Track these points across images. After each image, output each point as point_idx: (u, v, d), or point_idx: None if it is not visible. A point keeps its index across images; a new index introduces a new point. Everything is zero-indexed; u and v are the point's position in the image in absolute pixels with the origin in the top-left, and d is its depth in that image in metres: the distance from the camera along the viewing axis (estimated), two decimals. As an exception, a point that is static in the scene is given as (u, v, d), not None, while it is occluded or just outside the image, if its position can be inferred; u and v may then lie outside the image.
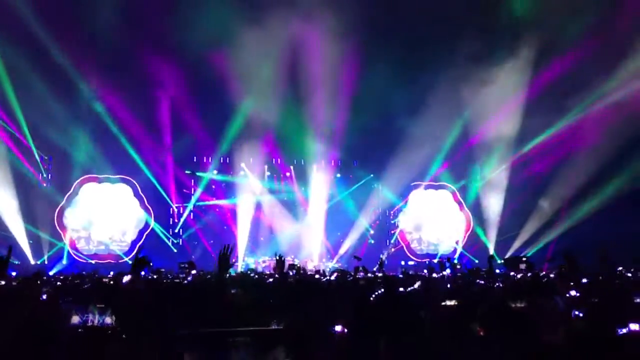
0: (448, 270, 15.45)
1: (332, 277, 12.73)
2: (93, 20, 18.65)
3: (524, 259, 17.63)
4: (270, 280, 11.09)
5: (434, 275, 12.60)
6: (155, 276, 10.09)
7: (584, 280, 8.07)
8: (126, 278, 7.06)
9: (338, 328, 5.58)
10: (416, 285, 10.27)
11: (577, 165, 20.44)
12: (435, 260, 25.07)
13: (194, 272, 9.74)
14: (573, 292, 6.58)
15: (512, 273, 13.86)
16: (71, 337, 5.56)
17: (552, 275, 10.99)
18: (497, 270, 12.79)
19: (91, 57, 19.48)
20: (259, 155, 24.66)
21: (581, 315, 6.14)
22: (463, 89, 20.90)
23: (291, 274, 13.76)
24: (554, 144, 21.28)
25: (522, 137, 22.40)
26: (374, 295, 8.07)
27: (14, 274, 12.86)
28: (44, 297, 6.97)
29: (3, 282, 8.67)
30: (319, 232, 24.78)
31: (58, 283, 10.93)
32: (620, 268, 12.79)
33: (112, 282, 11.03)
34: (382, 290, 8.49)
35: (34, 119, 20.75)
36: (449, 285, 9.96)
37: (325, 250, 24.91)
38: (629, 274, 11.94)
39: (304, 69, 19.91)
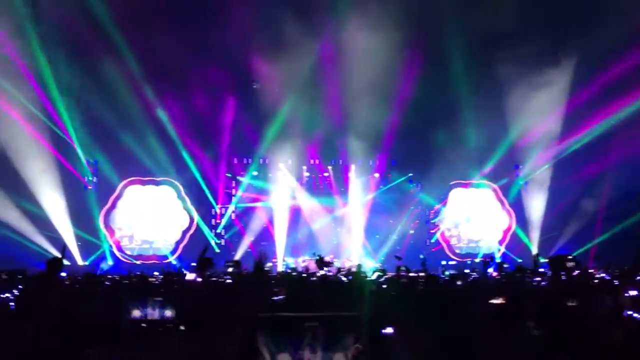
0: (491, 269, 15.35)
1: (373, 277, 12.78)
2: (138, 25, 19.10)
3: (569, 257, 17.23)
4: (314, 279, 11.23)
5: (476, 274, 12.54)
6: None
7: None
8: (190, 276, 7.25)
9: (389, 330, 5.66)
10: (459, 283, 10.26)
11: (624, 168, 19.90)
12: (477, 260, 24.96)
13: (241, 269, 9.89)
14: (633, 292, 6.46)
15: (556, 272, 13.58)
16: (133, 329, 5.79)
17: (601, 274, 10.79)
18: (542, 269, 12.58)
19: (134, 61, 20.00)
20: (298, 156, 24.82)
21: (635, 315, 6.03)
22: (508, 89, 20.60)
23: (331, 273, 13.87)
24: (601, 145, 20.82)
25: (568, 137, 22.04)
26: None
27: (64, 274, 13.18)
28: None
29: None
30: (358, 232, 24.80)
31: (106, 282, 11.29)
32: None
33: (157, 282, 11.36)
34: (427, 288, 8.54)
35: (80, 122, 21.41)
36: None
37: (365, 250, 24.87)
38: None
39: (343, 68, 19.97)
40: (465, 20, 19.09)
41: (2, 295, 7.39)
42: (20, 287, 7.97)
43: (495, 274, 12.62)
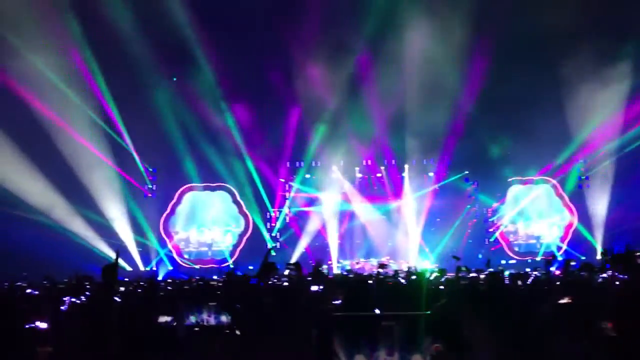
0: (554, 268, 14.85)
1: (432, 278, 12.58)
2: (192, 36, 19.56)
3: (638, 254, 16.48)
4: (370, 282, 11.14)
5: (537, 273, 12.16)
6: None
7: None
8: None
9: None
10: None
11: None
12: (538, 259, 24.23)
13: (301, 273, 9.88)
14: None
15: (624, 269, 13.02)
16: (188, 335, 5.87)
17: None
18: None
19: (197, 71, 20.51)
20: (350, 157, 24.78)
21: None
22: (569, 85, 20.01)
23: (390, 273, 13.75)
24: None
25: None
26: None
27: (126, 279, 13.52)
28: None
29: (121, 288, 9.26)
30: (413, 233, 24.55)
31: (168, 287, 11.52)
32: None
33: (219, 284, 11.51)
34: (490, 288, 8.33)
35: (138, 131, 22.08)
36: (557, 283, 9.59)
37: (421, 251, 24.56)
38: None
39: (396, 69, 19.87)
40: (528, 18, 18.73)
41: (73, 299, 7.59)
42: (87, 293, 8.20)
43: (558, 272, 12.19)
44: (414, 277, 12.54)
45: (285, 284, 9.89)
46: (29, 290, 10.20)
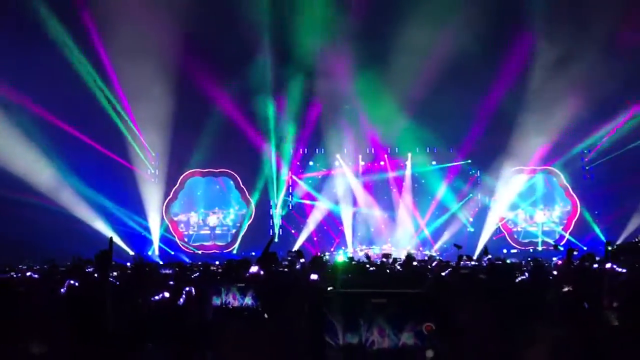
0: (555, 258, 14.84)
1: (432, 266, 12.59)
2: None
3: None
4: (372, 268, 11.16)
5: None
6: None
7: None
8: (253, 269, 7.28)
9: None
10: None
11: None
12: (540, 248, 24.24)
13: (302, 260, 9.91)
14: None
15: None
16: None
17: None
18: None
19: (199, 57, 20.38)
20: (353, 145, 24.70)
21: None
22: (576, 77, 19.85)
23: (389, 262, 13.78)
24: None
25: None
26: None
27: (128, 264, 13.53)
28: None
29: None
30: (413, 222, 24.63)
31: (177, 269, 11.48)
32: None
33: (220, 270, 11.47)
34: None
35: (143, 116, 22.01)
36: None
37: (424, 239, 24.57)
38: None
39: (400, 55, 19.73)
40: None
41: (72, 282, 7.54)
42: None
43: (560, 262, 12.18)
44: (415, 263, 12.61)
45: (286, 270, 9.92)
46: (28, 274, 10.20)
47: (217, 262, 14.85)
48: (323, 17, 19.16)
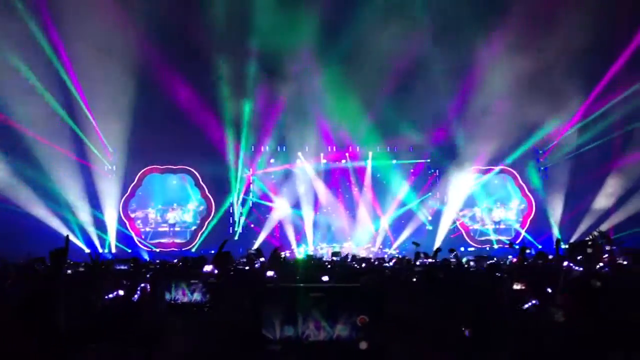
0: (510, 256, 15.18)
1: (390, 264, 12.74)
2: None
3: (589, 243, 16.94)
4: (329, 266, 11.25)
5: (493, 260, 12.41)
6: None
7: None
8: (207, 268, 7.24)
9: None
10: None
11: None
12: (495, 246, 24.77)
13: (262, 259, 9.92)
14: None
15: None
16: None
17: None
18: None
19: (157, 49, 20.05)
20: (315, 143, 24.72)
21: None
22: (534, 77, 20.25)
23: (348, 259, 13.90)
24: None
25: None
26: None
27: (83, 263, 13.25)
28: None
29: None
30: (372, 220, 24.94)
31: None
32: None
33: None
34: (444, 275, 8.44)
35: (99, 111, 21.52)
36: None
37: (384, 238, 24.83)
38: None
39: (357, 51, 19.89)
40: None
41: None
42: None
43: (514, 260, 12.46)
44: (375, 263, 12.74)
45: (247, 268, 9.90)
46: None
47: (175, 260, 14.69)
48: (288, 14, 19.10)
